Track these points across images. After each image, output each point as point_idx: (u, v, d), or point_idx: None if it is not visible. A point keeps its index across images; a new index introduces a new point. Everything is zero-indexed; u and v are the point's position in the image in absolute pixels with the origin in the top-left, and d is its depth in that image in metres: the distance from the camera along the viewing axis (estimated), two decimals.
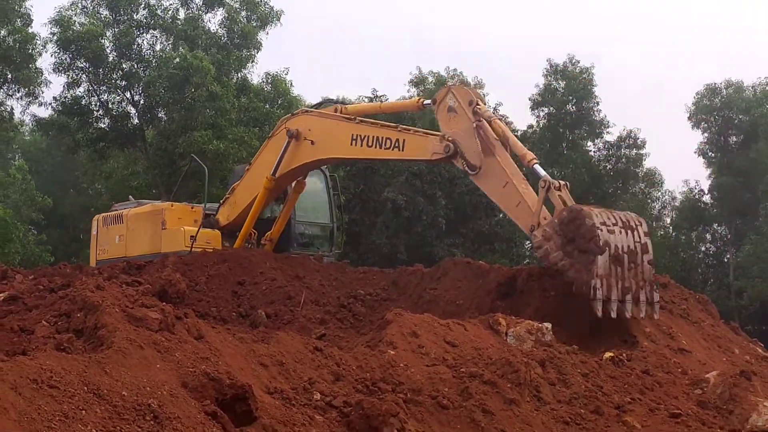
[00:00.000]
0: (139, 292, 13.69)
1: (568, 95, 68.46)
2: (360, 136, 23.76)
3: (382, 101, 22.95)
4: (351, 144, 23.97)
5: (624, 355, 17.66)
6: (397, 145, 23.14)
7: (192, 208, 28.03)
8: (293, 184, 26.88)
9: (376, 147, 23.49)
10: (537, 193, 21.14)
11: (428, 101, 23.74)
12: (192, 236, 25.99)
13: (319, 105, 26.99)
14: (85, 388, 10.23)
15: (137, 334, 11.91)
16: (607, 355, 17.38)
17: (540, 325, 17.88)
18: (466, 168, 21.92)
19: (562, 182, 21.32)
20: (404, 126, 24.05)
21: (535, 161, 21.58)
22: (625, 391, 15.79)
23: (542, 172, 21.33)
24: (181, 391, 11.11)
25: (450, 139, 21.95)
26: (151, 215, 27.78)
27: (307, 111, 26.50)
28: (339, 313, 21.18)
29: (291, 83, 56.37)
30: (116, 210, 29.75)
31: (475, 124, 21.61)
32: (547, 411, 14.30)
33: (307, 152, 24.98)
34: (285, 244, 27.24)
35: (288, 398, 12.45)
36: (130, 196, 36.68)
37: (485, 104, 21.99)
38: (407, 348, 15.03)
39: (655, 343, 19.29)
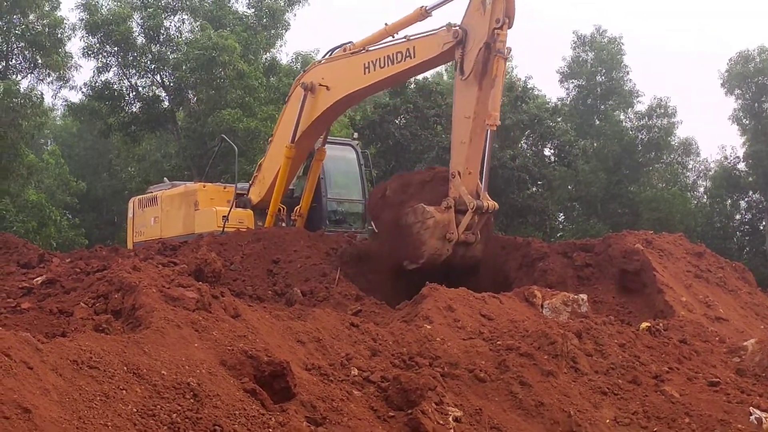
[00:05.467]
0: (175, 272, 13.79)
1: (597, 66, 68.12)
2: (371, 61, 23.59)
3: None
4: (364, 73, 23.78)
5: (661, 324, 17.63)
6: (408, 54, 22.81)
7: (224, 188, 28.09)
8: (315, 151, 26.93)
9: (388, 65, 23.19)
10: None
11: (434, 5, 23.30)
12: (224, 216, 26.05)
13: (329, 53, 26.20)
14: (125, 368, 10.31)
15: (174, 314, 11.99)
16: (644, 325, 17.35)
17: (576, 296, 17.91)
18: (459, 67, 21.53)
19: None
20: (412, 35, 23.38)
21: (493, 128, 21.10)
22: (663, 360, 15.74)
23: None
24: (220, 369, 11.17)
25: (463, 25, 21.44)
26: (184, 196, 27.92)
27: (317, 63, 26.43)
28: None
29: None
30: (151, 192, 29.87)
31: (484, 42, 20.97)
32: (585, 382, 14.29)
33: (324, 99, 24.85)
34: (317, 222, 27.23)
35: (326, 374, 12.50)
36: (165, 178, 36.78)
37: (508, 30, 20.97)
38: (443, 322, 15.06)
39: (692, 312, 19.27)
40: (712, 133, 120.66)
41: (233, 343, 11.90)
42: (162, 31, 53.84)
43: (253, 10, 55.23)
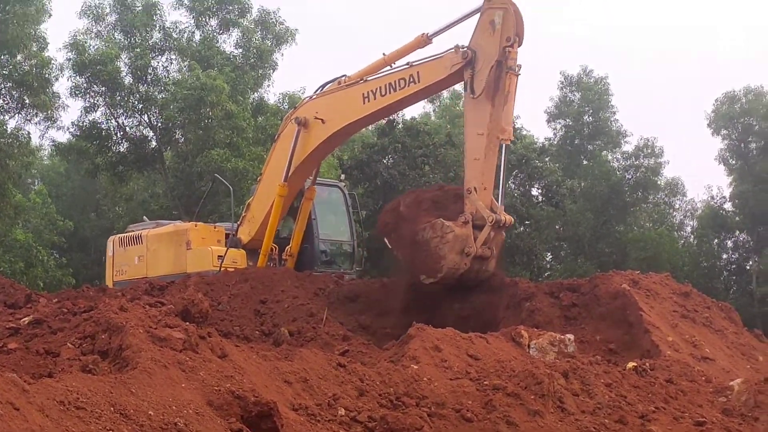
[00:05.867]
0: (162, 312, 13.77)
1: (584, 106, 68.44)
2: (371, 91, 23.77)
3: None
4: (364, 103, 23.95)
5: (647, 364, 17.65)
6: (412, 79, 23.14)
7: (215, 227, 28.07)
8: (305, 191, 26.95)
9: (390, 92, 23.44)
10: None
11: (434, 34, 23.60)
12: (220, 256, 26.04)
13: (320, 88, 26.07)
14: (112, 408, 10.31)
15: (162, 354, 11.99)
16: (630, 364, 17.37)
17: (563, 336, 17.93)
18: (469, 86, 22.00)
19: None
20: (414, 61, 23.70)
21: (508, 141, 22.27)
22: (649, 400, 15.76)
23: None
24: (207, 409, 11.17)
25: (471, 45, 21.97)
26: (174, 235, 27.85)
27: (309, 98, 26.24)
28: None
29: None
30: (132, 231, 29.75)
31: (496, 61, 21.59)
32: (572, 422, 14.30)
33: (319, 132, 24.91)
34: (309, 262, 27.24)
35: (313, 414, 12.50)
36: (145, 217, 36.72)
37: (518, 47, 21.80)
38: (430, 362, 15.06)
39: (678, 352, 19.30)
40: (699, 173, 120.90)
41: (220, 383, 11.90)
42: (150, 71, 53.97)
43: (241, 50, 55.41)
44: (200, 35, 55.51)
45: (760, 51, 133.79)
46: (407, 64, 23.52)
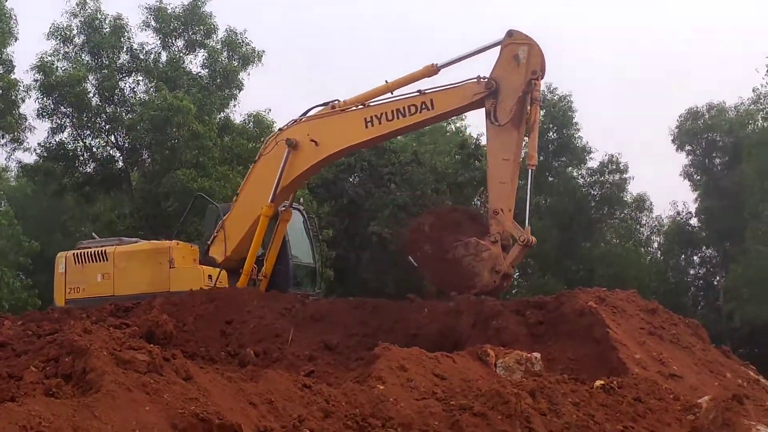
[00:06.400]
0: (126, 334, 13.70)
1: (548, 123, 68.63)
2: (375, 116, 24.48)
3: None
4: (366, 127, 24.60)
5: (615, 382, 17.61)
6: (425, 106, 24.09)
7: (191, 246, 27.87)
8: (281, 213, 27.08)
9: (397, 118, 24.32)
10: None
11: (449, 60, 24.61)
12: (210, 275, 26.01)
13: (307, 112, 26.31)
14: None
15: (125, 377, 11.90)
16: (598, 383, 17.34)
17: (529, 355, 17.90)
18: (492, 115, 23.32)
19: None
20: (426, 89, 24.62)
21: (534, 167, 23.82)
22: (617, 419, 15.74)
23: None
24: None
25: (493, 77, 23.44)
26: (153, 253, 27.42)
27: (298, 120, 26.14)
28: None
29: (273, 121, 56.41)
30: (89, 247, 29.01)
31: (522, 92, 23.19)
32: None
33: (311, 154, 25.32)
34: (283, 283, 27.26)
35: None
36: (94, 234, 36.38)
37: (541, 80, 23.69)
38: (396, 382, 15.00)
39: (646, 370, 19.26)
40: (664, 188, 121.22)
41: (185, 405, 11.82)
42: (117, 92, 53.87)
43: (207, 70, 55.34)
44: (167, 56, 55.42)
45: (724, 67, 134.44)
46: (417, 91, 24.30)
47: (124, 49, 54.57)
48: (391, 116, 24.27)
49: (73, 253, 28.63)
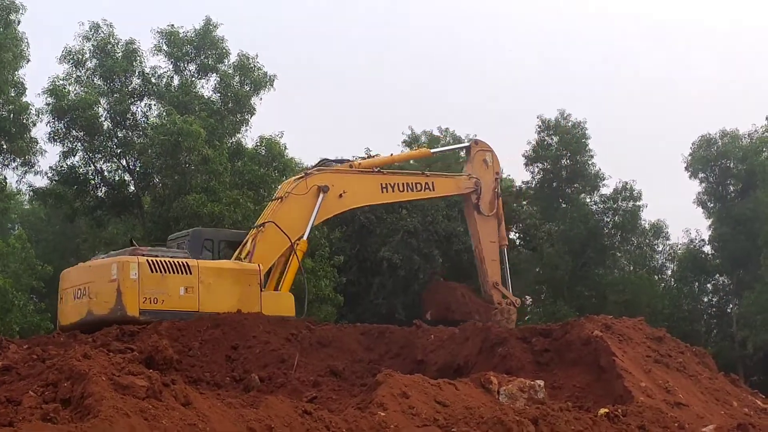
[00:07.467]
0: (126, 359, 13.66)
1: (561, 150, 68.44)
2: (390, 184, 30.30)
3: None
4: (382, 192, 30.15)
5: (619, 410, 17.54)
6: (428, 186, 31.25)
7: None
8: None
9: (407, 191, 30.83)
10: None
11: (438, 149, 34.80)
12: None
13: (318, 164, 30.28)
14: None
15: (124, 402, 11.88)
16: (602, 411, 17.27)
17: (533, 382, 17.83)
18: (478, 207, 31.86)
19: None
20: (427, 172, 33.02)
21: (506, 246, 33.12)
22: None
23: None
24: None
25: (477, 177, 31.76)
26: (242, 274, 26.71)
27: (322, 169, 29.55)
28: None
29: (285, 146, 56.40)
30: (159, 256, 26.69)
31: (494, 186, 32.14)
32: None
33: (335, 204, 29.19)
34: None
35: None
36: (97, 251, 36.04)
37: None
38: (397, 409, 14.96)
39: (651, 398, 19.19)
40: (678, 216, 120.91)
41: (183, 431, 11.78)
42: (129, 116, 53.90)
43: (219, 95, 55.36)
44: (179, 80, 55.47)
45: (734, 94, 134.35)
46: (422, 173, 32.23)
47: (136, 73, 54.60)
48: (402, 188, 30.52)
49: (147, 260, 26.15)
